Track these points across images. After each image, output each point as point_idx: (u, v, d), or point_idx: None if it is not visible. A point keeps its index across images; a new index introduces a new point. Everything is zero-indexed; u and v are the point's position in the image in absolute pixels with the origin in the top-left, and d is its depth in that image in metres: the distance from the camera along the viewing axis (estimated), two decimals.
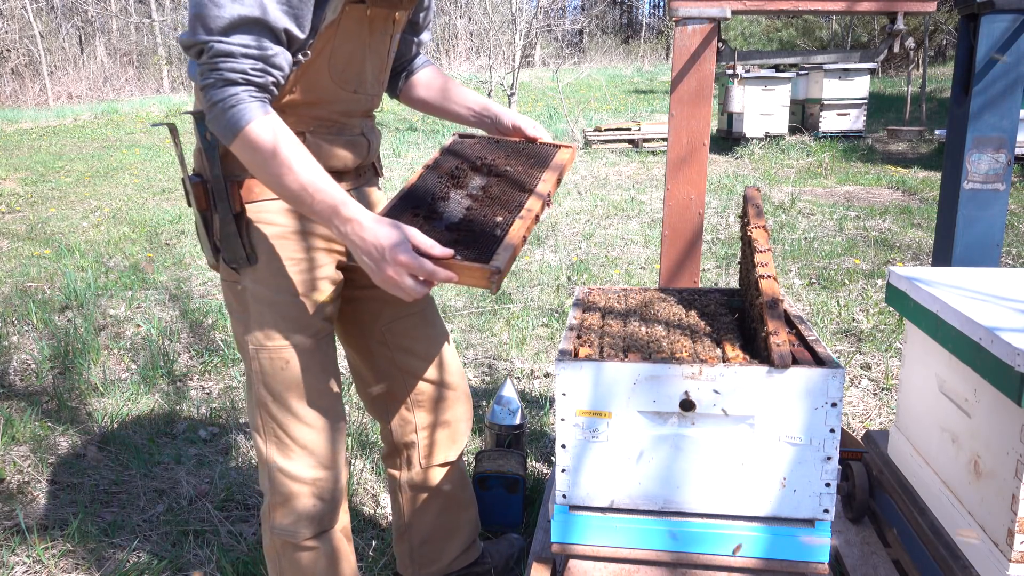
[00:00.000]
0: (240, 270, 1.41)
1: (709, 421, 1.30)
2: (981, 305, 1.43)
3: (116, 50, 27.74)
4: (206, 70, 1.20)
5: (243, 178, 1.36)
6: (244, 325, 1.45)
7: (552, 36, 20.71)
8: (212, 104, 1.20)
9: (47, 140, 13.72)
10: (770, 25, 22.14)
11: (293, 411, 1.46)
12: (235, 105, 1.19)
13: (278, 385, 1.44)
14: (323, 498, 1.51)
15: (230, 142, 1.22)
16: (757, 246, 1.51)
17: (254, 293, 1.41)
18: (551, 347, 3.63)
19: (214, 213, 1.38)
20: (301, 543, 1.51)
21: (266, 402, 1.46)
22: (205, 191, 1.37)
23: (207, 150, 1.34)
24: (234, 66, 1.19)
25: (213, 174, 1.35)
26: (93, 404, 3.13)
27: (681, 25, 1.93)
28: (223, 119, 1.20)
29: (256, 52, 1.20)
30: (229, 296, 1.47)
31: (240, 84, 1.20)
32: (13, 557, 2.15)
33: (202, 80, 1.20)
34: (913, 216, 6.28)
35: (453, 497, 1.83)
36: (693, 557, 1.35)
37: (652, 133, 10.77)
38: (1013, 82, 1.86)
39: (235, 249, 1.38)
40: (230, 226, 1.37)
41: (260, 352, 1.43)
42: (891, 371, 3.22)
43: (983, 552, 1.37)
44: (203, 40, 1.19)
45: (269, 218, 1.39)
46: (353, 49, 1.38)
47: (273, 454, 1.48)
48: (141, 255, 5.62)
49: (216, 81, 1.19)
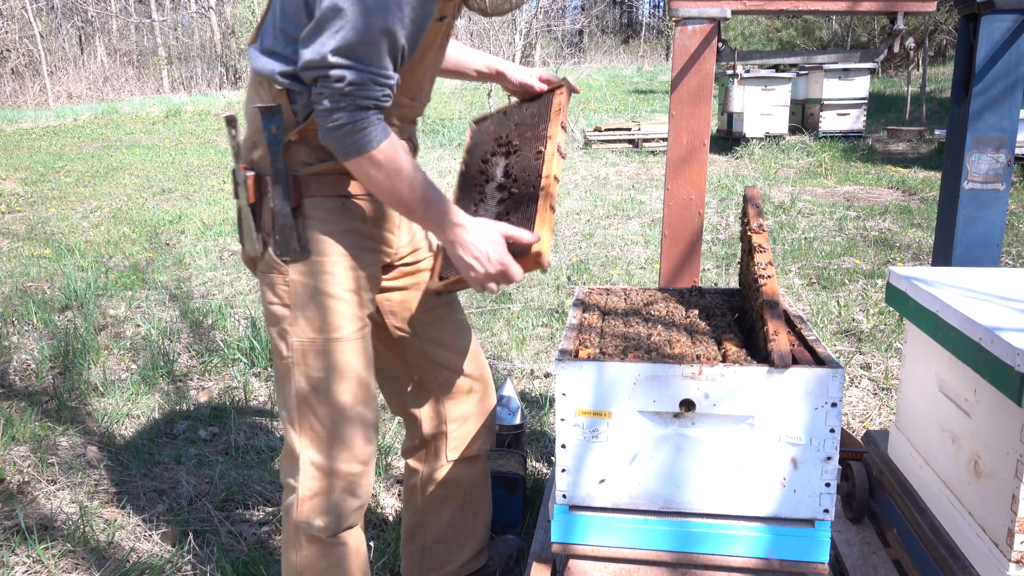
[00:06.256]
0: (290, 263, 1.43)
1: (709, 421, 1.30)
2: (981, 305, 1.43)
3: (116, 50, 27.74)
4: (336, 94, 1.25)
5: (303, 173, 1.40)
6: (288, 317, 1.45)
7: (552, 36, 20.71)
8: (338, 125, 1.26)
9: (47, 140, 13.73)
10: (770, 25, 22.14)
11: (333, 404, 1.46)
12: (364, 128, 1.27)
13: (321, 377, 1.45)
14: (354, 494, 1.51)
15: (351, 159, 1.30)
16: (757, 246, 1.51)
17: (304, 285, 1.43)
18: (551, 347, 3.63)
19: (265, 206, 1.41)
20: (327, 539, 1.51)
21: (306, 394, 1.46)
22: (258, 184, 1.40)
23: (271, 144, 1.37)
24: (368, 93, 1.26)
25: (275, 167, 1.38)
26: (93, 404, 3.13)
27: (681, 25, 1.93)
28: (349, 139, 1.27)
29: (384, 80, 1.28)
30: (271, 290, 1.47)
31: (370, 109, 1.27)
32: (13, 557, 2.15)
33: (330, 102, 1.25)
34: (913, 216, 6.28)
35: (472, 497, 1.84)
36: (693, 557, 1.35)
37: (652, 133, 10.76)
38: (1013, 82, 1.86)
39: (289, 242, 1.40)
40: (288, 219, 1.39)
41: (306, 345, 1.44)
42: (891, 371, 3.22)
43: (983, 552, 1.37)
44: (338, 63, 1.23)
45: (323, 215, 1.42)
46: (421, 62, 1.44)
47: (307, 448, 1.48)
48: (141, 255, 5.62)
49: (348, 106, 1.25)
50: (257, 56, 1.39)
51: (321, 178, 1.42)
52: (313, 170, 1.40)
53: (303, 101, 1.36)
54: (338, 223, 1.44)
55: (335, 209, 1.43)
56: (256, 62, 1.39)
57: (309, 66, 1.25)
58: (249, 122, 1.43)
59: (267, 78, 1.36)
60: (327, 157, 1.40)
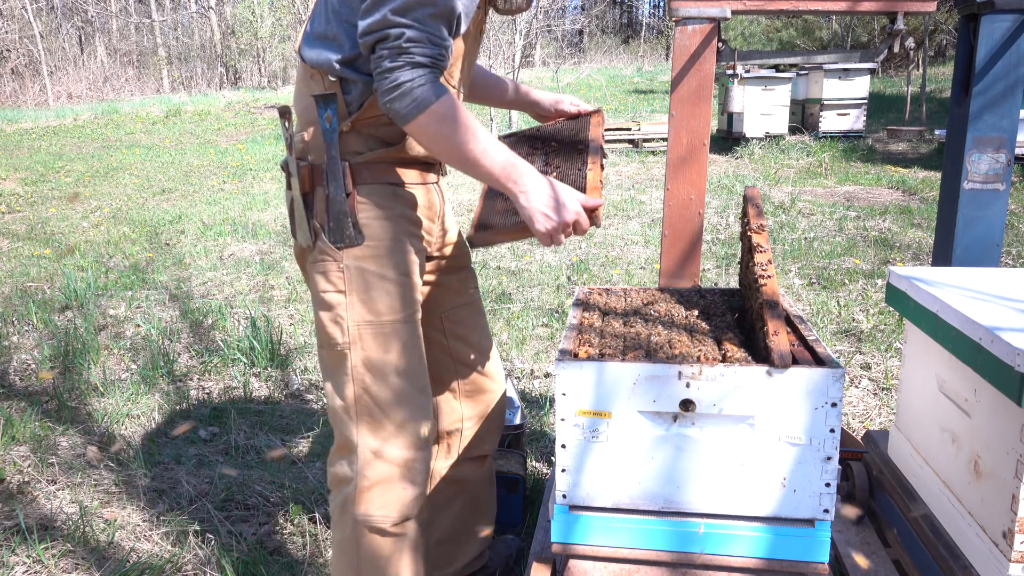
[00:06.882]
0: (344, 249, 1.44)
1: (709, 421, 1.30)
2: (981, 305, 1.42)
3: (116, 50, 27.74)
4: (394, 53, 1.27)
5: (356, 161, 1.43)
6: (343, 303, 1.45)
7: (552, 36, 20.71)
8: (397, 84, 1.28)
9: (47, 140, 13.73)
10: (770, 25, 22.13)
11: (393, 388, 1.46)
12: (423, 84, 1.28)
13: (380, 361, 1.45)
14: (414, 481, 1.49)
15: (414, 118, 1.30)
16: (757, 246, 1.51)
17: (360, 270, 1.44)
18: (551, 347, 3.63)
19: (318, 195, 1.44)
20: (389, 528, 1.48)
21: (364, 380, 1.45)
22: (312, 173, 1.43)
23: (327, 133, 1.40)
24: (425, 51, 1.28)
25: (330, 155, 1.40)
26: (93, 404, 3.13)
27: (681, 25, 1.93)
28: (410, 97, 1.28)
29: (441, 41, 1.30)
30: (324, 277, 1.47)
31: (428, 67, 1.29)
32: (13, 557, 2.15)
33: (389, 61, 1.27)
34: (913, 216, 6.28)
35: (478, 496, 1.85)
36: (693, 557, 1.35)
37: (652, 133, 10.76)
38: (1013, 82, 1.86)
39: (344, 228, 1.42)
40: (342, 204, 1.42)
41: (364, 328, 1.44)
42: (891, 371, 3.22)
43: (983, 552, 1.37)
44: (398, 22, 1.26)
45: (376, 200, 1.45)
46: (463, 50, 1.47)
47: (366, 435, 1.46)
48: (141, 255, 5.62)
49: (405, 64, 1.27)
50: (308, 49, 1.42)
51: (372, 166, 1.45)
52: (365, 158, 1.44)
53: (357, 91, 1.39)
54: (391, 209, 1.46)
55: (387, 195, 1.46)
56: (309, 54, 1.42)
57: (370, 29, 1.28)
58: (301, 114, 1.47)
59: (323, 68, 1.39)
60: (378, 146, 1.44)
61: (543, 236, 1.42)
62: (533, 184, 1.40)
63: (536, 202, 1.40)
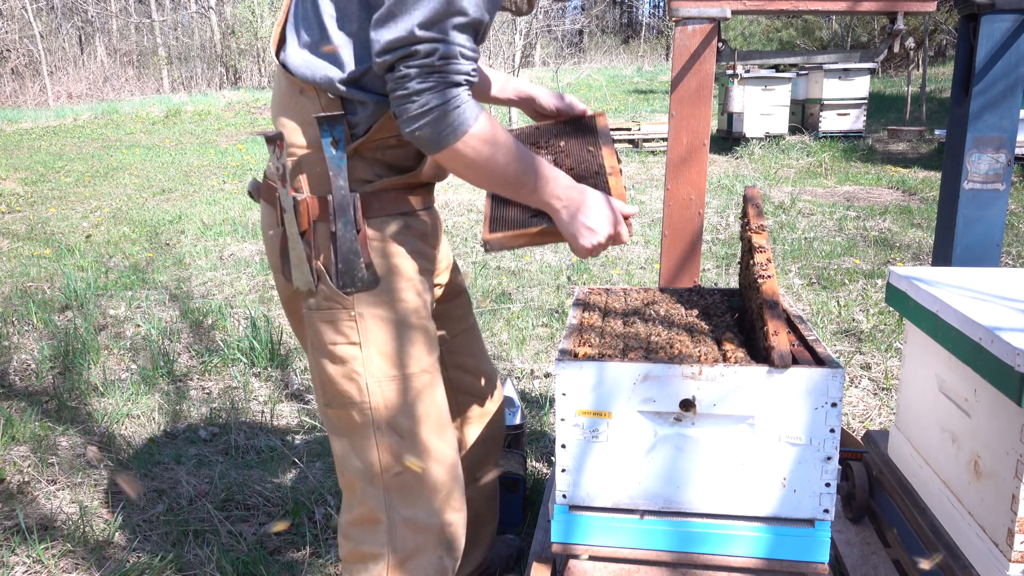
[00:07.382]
0: (354, 293, 1.26)
1: (709, 421, 1.30)
2: (981, 305, 1.42)
3: (116, 50, 27.74)
4: (424, 73, 1.10)
5: (365, 191, 1.26)
6: (359, 358, 1.28)
7: (552, 36, 20.71)
8: (428, 109, 1.11)
9: (47, 140, 13.73)
10: (770, 25, 22.13)
11: (424, 445, 1.32)
12: (459, 106, 1.13)
13: (408, 418, 1.31)
14: (451, 547, 1.38)
15: (450, 144, 1.14)
16: (757, 246, 1.51)
17: (376, 317, 1.27)
18: (551, 347, 3.63)
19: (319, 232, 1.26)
20: None
21: (392, 444, 1.30)
22: (310, 208, 1.25)
23: (335, 161, 1.22)
24: (459, 68, 1.12)
25: (337, 185, 1.22)
26: (93, 404, 3.13)
27: (681, 25, 1.93)
28: (444, 122, 1.13)
29: (472, 54, 1.14)
30: (332, 327, 1.28)
31: (462, 85, 1.13)
32: (13, 557, 2.15)
33: (418, 82, 1.10)
34: (913, 216, 6.28)
35: (484, 513, 1.83)
36: (693, 557, 1.35)
37: (652, 133, 10.76)
38: (1013, 82, 1.86)
39: (355, 270, 1.25)
40: (353, 243, 1.24)
41: (386, 384, 1.29)
42: (891, 371, 3.22)
43: (983, 552, 1.37)
44: (426, 37, 1.09)
45: (390, 235, 1.28)
46: None
47: (397, 504, 1.32)
48: (141, 255, 5.62)
49: (437, 84, 1.11)
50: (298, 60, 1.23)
51: (382, 195, 1.27)
52: (373, 187, 1.26)
53: (366, 112, 1.23)
54: (404, 244, 1.30)
55: (400, 228, 1.29)
56: (299, 68, 1.23)
57: (393, 46, 1.10)
58: (294, 137, 1.26)
59: (320, 86, 1.20)
60: (386, 172, 1.28)
61: (585, 252, 1.29)
62: (574, 198, 1.27)
63: (583, 216, 1.27)
